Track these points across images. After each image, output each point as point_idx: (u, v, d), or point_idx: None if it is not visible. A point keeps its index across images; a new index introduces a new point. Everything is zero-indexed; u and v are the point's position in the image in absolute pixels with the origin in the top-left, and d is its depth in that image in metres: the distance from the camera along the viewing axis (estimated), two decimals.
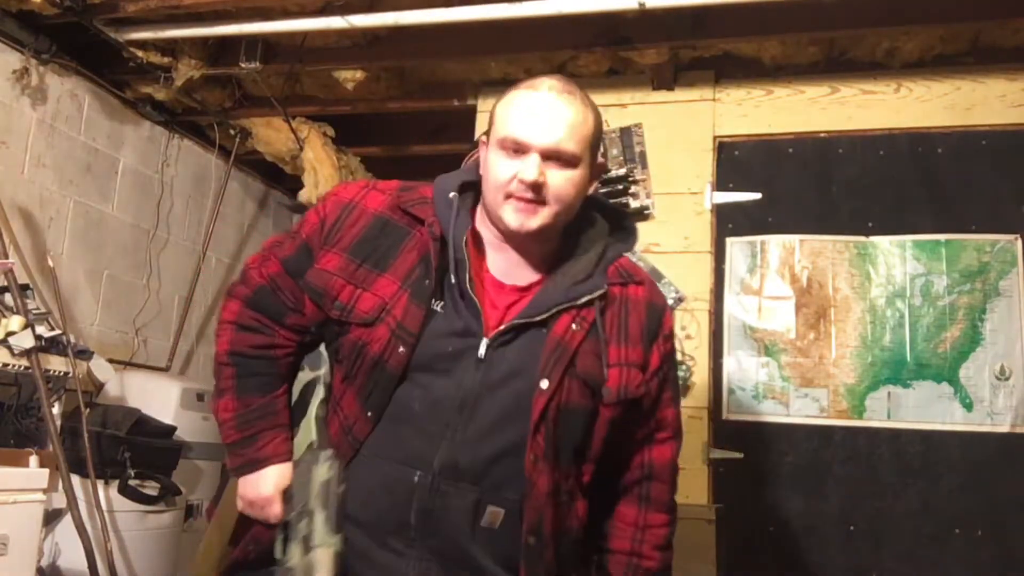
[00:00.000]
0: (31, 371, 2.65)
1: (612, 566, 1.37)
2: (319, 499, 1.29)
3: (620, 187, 3.01)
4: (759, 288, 2.92)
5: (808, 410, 2.79)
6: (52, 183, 3.25)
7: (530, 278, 1.33)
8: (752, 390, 2.85)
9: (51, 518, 2.73)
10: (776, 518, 2.75)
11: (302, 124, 3.82)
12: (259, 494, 1.34)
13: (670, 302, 2.90)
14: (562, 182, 1.25)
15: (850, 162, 2.93)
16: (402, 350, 1.26)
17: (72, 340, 2.85)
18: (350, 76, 3.35)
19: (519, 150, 1.24)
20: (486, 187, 1.30)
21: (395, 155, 4.17)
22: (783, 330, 2.87)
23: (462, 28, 2.86)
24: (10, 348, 2.60)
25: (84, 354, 2.92)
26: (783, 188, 2.97)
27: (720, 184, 3.01)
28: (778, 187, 2.98)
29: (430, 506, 1.24)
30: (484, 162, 1.31)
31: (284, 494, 1.33)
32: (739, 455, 2.79)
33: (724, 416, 2.85)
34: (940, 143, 2.86)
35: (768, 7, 2.60)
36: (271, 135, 3.86)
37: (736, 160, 3.04)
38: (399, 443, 1.27)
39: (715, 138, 3.03)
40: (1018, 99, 2.80)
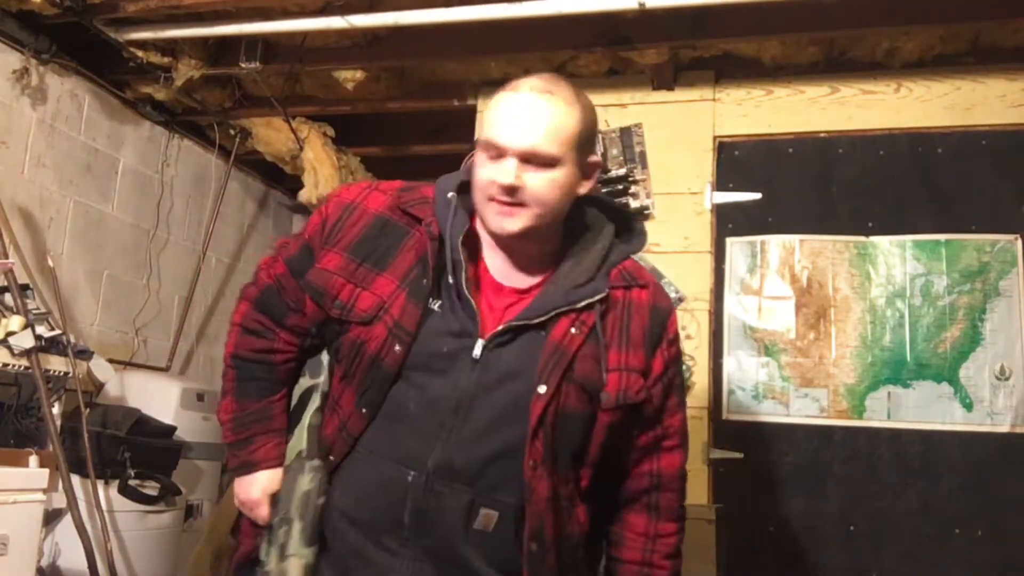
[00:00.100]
0: (31, 371, 2.65)
1: (622, 574, 1.37)
2: (298, 509, 1.31)
3: (620, 187, 3.01)
4: (759, 288, 2.92)
5: (808, 410, 2.79)
6: (52, 183, 3.25)
7: (530, 280, 1.32)
8: (752, 390, 2.85)
9: (51, 518, 2.73)
10: (776, 518, 2.75)
11: (302, 124, 3.82)
12: (248, 496, 1.39)
13: None
14: (541, 184, 1.23)
15: (850, 162, 2.93)
16: (398, 348, 1.26)
17: (72, 340, 2.85)
18: (350, 76, 3.35)
19: (498, 153, 1.23)
20: (473, 190, 1.30)
21: (395, 155, 4.17)
22: (783, 330, 2.87)
23: (462, 28, 2.86)
24: (10, 348, 2.60)
25: (84, 354, 2.92)
26: (783, 188, 2.97)
27: (720, 184, 3.00)
28: (778, 187, 2.97)
29: (424, 506, 1.24)
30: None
31: (272, 498, 1.36)
32: (739, 455, 2.79)
33: (724, 416, 2.85)
34: (940, 143, 2.86)
35: (768, 7, 2.60)
36: (271, 135, 3.86)
37: (736, 160, 3.04)
38: (395, 442, 1.27)
39: (715, 138, 3.03)
40: (1018, 99, 2.80)
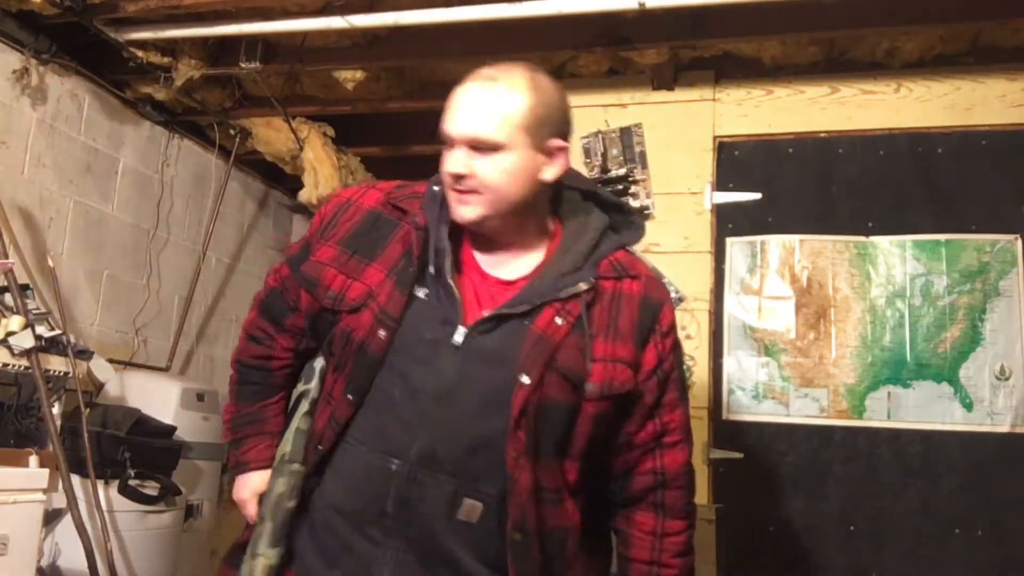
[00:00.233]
0: (31, 371, 2.65)
1: (632, 574, 1.37)
2: (271, 511, 1.35)
3: (620, 187, 3.01)
4: (759, 288, 2.92)
5: (808, 410, 2.79)
6: (52, 183, 3.25)
7: (518, 272, 1.33)
8: (752, 390, 2.85)
9: (51, 518, 2.73)
10: (776, 518, 2.75)
11: (302, 124, 3.82)
12: (239, 495, 1.45)
13: None
14: (488, 169, 1.25)
15: (850, 162, 2.93)
16: (383, 334, 1.27)
17: (72, 340, 2.85)
18: (350, 76, 3.35)
19: (450, 144, 1.28)
20: None
21: (395, 155, 4.17)
22: (783, 330, 2.87)
23: (462, 28, 2.86)
24: (10, 348, 2.60)
25: (84, 354, 2.92)
26: (783, 188, 2.97)
27: (720, 184, 3.00)
28: (778, 187, 2.97)
29: (407, 495, 1.25)
30: None
31: (260, 498, 1.40)
32: (739, 455, 2.79)
33: (724, 416, 2.85)
34: (940, 143, 2.86)
35: (768, 7, 2.60)
36: (271, 135, 3.86)
37: (736, 160, 3.04)
38: (380, 431, 1.29)
39: (715, 138, 3.03)
40: (1018, 99, 2.80)
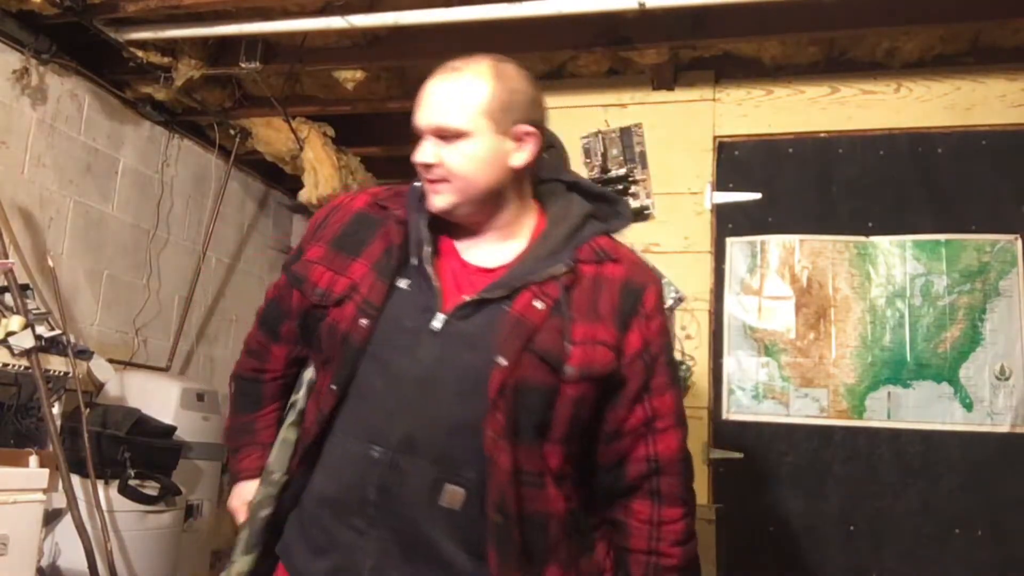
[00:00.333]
0: (31, 371, 2.65)
1: (632, 566, 1.34)
2: (248, 519, 1.38)
3: (620, 187, 3.02)
4: (759, 288, 2.92)
5: (808, 410, 2.79)
6: (52, 183, 3.25)
7: (500, 260, 1.34)
8: (752, 390, 2.85)
9: (51, 518, 2.73)
10: (776, 518, 2.75)
11: (302, 124, 3.82)
12: (230, 503, 1.48)
13: (670, 302, 2.91)
14: (454, 157, 1.28)
15: (850, 162, 2.93)
16: (365, 322, 1.29)
17: (72, 340, 2.85)
18: (350, 76, 3.35)
19: (419, 136, 1.31)
20: None
21: (395, 155, 4.18)
22: (783, 330, 2.87)
23: (462, 28, 2.85)
24: (10, 348, 2.60)
25: (84, 354, 2.92)
26: (783, 188, 2.97)
27: (720, 184, 3.00)
28: (778, 187, 2.97)
29: (388, 483, 1.25)
30: None
31: (248, 506, 1.42)
32: (739, 455, 2.79)
33: (724, 416, 2.85)
34: (940, 143, 2.86)
35: (768, 7, 2.60)
36: (271, 135, 3.86)
37: (736, 160, 3.04)
38: (362, 421, 1.30)
39: (715, 138, 3.03)
40: (1018, 99, 2.80)
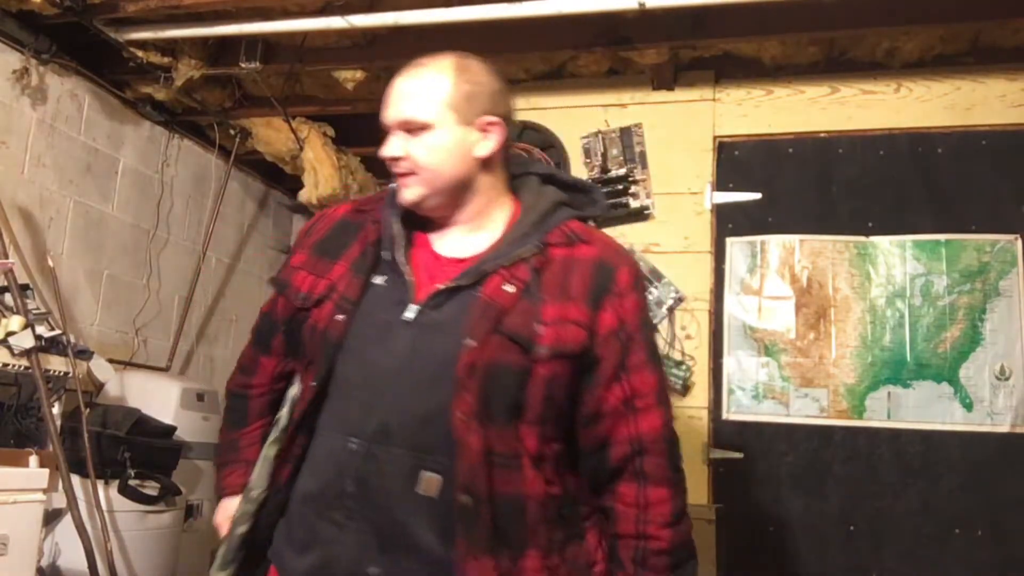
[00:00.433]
0: (31, 371, 2.65)
1: (621, 551, 1.31)
2: (227, 534, 1.39)
3: (620, 187, 3.02)
4: (759, 288, 2.92)
5: (808, 410, 2.79)
6: (52, 183, 3.25)
7: (473, 250, 1.36)
8: (752, 390, 2.85)
9: (51, 518, 2.73)
10: (776, 518, 2.75)
11: (302, 124, 3.82)
12: (215, 519, 1.49)
13: (669, 302, 2.91)
14: (419, 149, 1.32)
15: (850, 162, 2.93)
16: (341, 318, 1.32)
17: (72, 340, 2.85)
18: (350, 76, 3.35)
19: (387, 133, 1.36)
20: None
21: None
22: (783, 330, 2.87)
23: (462, 28, 2.85)
24: (10, 348, 2.60)
25: (84, 354, 2.92)
26: (783, 188, 2.97)
27: (720, 184, 3.01)
28: (778, 187, 2.98)
29: (365, 474, 1.25)
30: None
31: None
32: (739, 455, 2.79)
33: (724, 416, 2.85)
34: (940, 143, 2.86)
35: (768, 7, 2.60)
36: (271, 135, 3.86)
37: (736, 160, 3.04)
38: (341, 415, 1.31)
39: (715, 138, 3.03)
40: (1018, 99, 2.80)
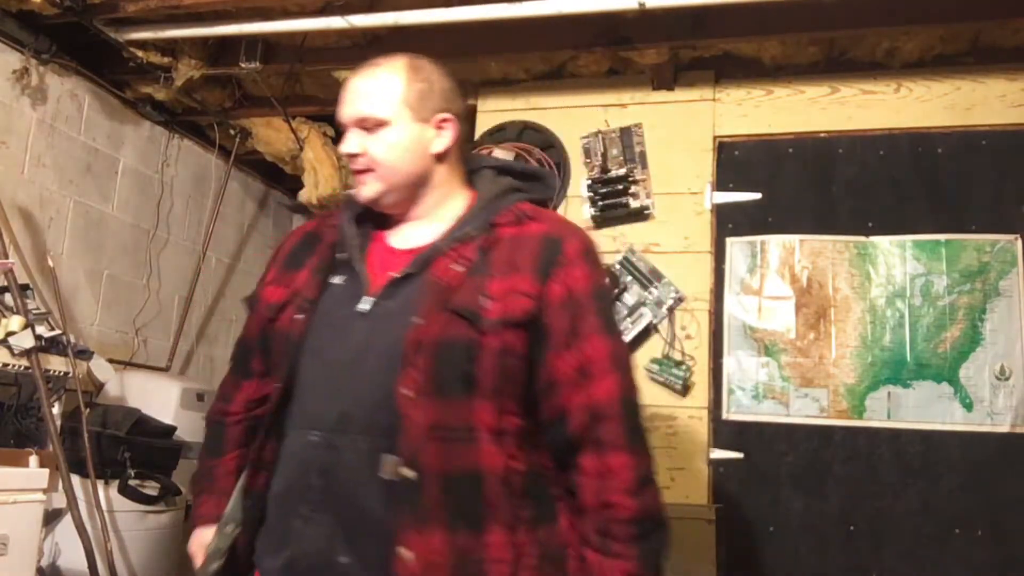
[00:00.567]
0: (31, 371, 2.65)
1: (586, 524, 1.26)
2: (202, 566, 1.40)
3: (620, 187, 3.02)
4: (759, 288, 2.92)
5: (808, 410, 2.79)
6: (52, 183, 3.25)
7: (426, 240, 1.38)
8: (752, 390, 2.85)
9: (51, 518, 2.73)
10: (776, 518, 2.75)
11: (302, 124, 3.82)
12: (189, 547, 1.48)
13: (669, 302, 2.91)
14: (377, 145, 1.36)
15: (850, 162, 2.93)
16: (300, 317, 1.35)
17: (72, 340, 2.85)
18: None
19: (344, 131, 1.40)
20: None
21: None
22: (783, 330, 2.87)
23: (462, 28, 2.86)
24: (10, 348, 2.60)
25: (84, 354, 2.92)
26: (783, 188, 2.97)
27: (720, 184, 3.01)
28: (778, 187, 2.97)
29: (328, 465, 1.26)
30: None
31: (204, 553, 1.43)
32: (739, 455, 2.79)
33: (724, 416, 2.85)
34: (940, 143, 2.86)
35: (768, 7, 2.60)
36: (271, 135, 3.86)
37: (736, 160, 3.04)
38: (303, 412, 1.33)
39: (715, 138, 3.03)
40: (1018, 99, 2.80)
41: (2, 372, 2.64)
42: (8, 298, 2.73)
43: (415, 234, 1.40)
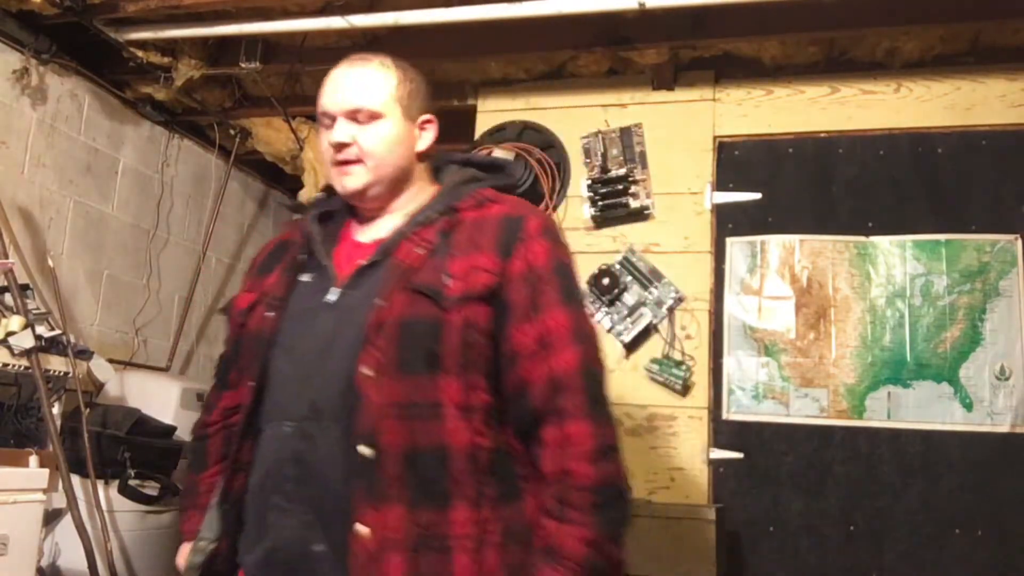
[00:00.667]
0: (31, 371, 2.65)
1: (545, 494, 1.25)
2: None
3: (620, 187, 3.02)
4: (759, 288, 2.92)
5: (808, 410, 2.79)
6: (52, 183, 3.25)
7: (391, 230, 1.40)
8: (752, 390, 2.85)
9: (51, 518, 2.73)
10: (776, 518, 2.75)
11: (302, 124, 3.82)
12: (177, 561, 1.50)
13: (669, 302, 2.91)
14: (369, 137, 1.38)
15: (850, 162, 2.93)
16: (270, 314, 1.37)
17: (72, 340, 2.85)
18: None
19: (331, 121, 1.40)
20: (324, 164, 1.45)
21: None
22: (783, 330, 2.87)
23: (462, 28, 2.86)
24: (10, 348, 2.60)
25: (84, 354, 2.92)
26: (783, 188, 2.97)
27: (720, 184, 3.01)
28: (778, 187, 2.97)
29: (301, 454, 1.27)
30: None
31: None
32: (739, 455, 2.79)
33: (724, 416, 2.85)
34: (940, 143, 2.86)
35: (768, 7, 2.60)
36: (271, 135, 3.85)
37: (736, 160, 3.04)
38: (276, 405, 1.34)
39: (715, 138, 3.03)
40: (1018, 99, 2.80)
41: (2, 372, 2.64)
42: (8, 298, 2.73)
43: (382, 227, 1.42)
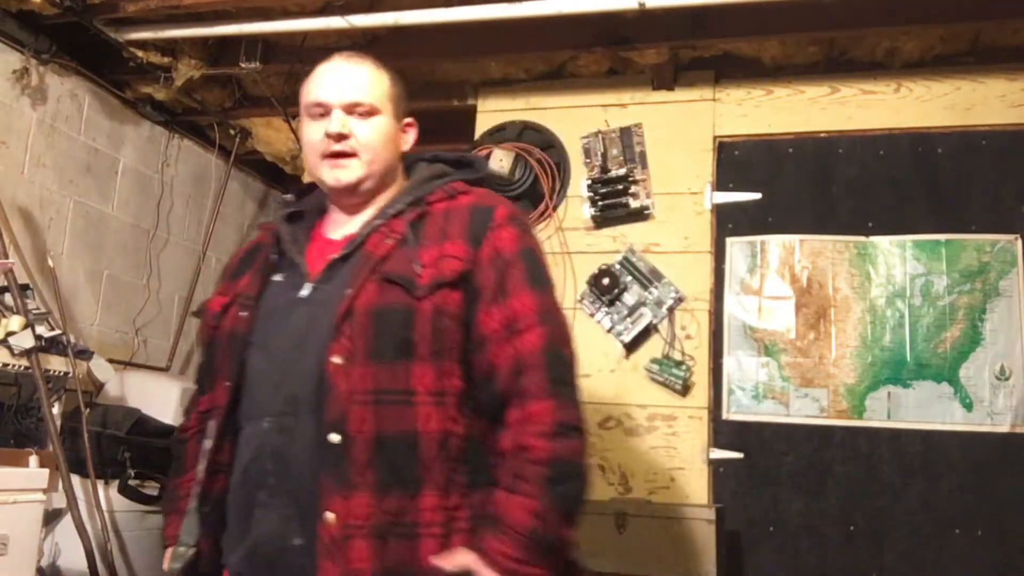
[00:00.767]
0: (31, 371, 2.64)
1: (500, 472, 1.24)
2: None
3: (620, 187, 3.01)
4: (759, 288, 2.92)
5: (808, 410, 2.79)
6: (52, 183, 3.25)
7: (362, 225, 1.41)
8: (752, 390, 2.85)
9: (51, 518, 2.72)
10: (776, 518, 2.75)
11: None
12: (164, 566, 1.47)
13: (669, 302, 2.91)
14: (366, 130, 1.41)
15: (850, 162, 2.93)
16: (244, 314, 1.38)
17: (72, 340, 2.85)
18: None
19: (324, 111, 1.42)
20: (306, 157, 1.46)
21: None
22: (783, 330, 2.87)
23: (462, 28, 2.85)
24: (10, 348, 2.60)
25: (84, 354, 2.92)
26: (783, 188, 2.97)
27: (720, 184, 3.01)
28: (778, 187, 2.97)
29: (280, 448, 1.28)
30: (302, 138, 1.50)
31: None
32: (739, 455, 2.79)
33: (724, 416, 2.85)
34: (940, 143, 2.86)
35: (768, 7, 2.60)
36: (271, 135, 3.85)
37: (736, 160, 3.04)
38: (254, 403, 1.35)
39: (715, 138, 3.03)
40: (1018, 99, 2.80)
41: (2, 372, 2.64)
42: (8, 298, 2.72)
43: (354, 222, 1.44)
